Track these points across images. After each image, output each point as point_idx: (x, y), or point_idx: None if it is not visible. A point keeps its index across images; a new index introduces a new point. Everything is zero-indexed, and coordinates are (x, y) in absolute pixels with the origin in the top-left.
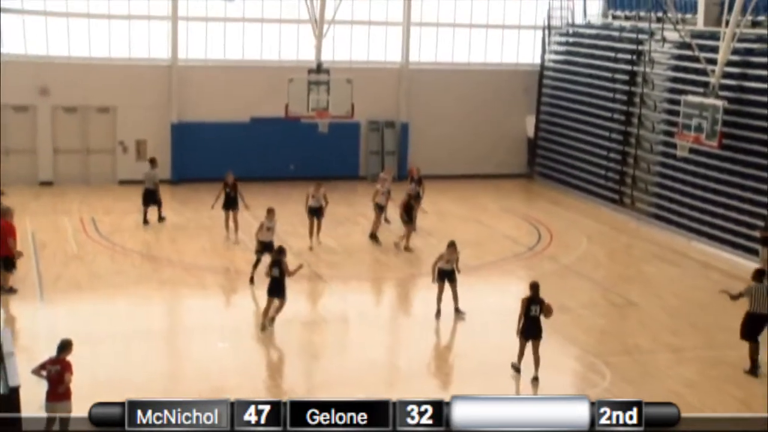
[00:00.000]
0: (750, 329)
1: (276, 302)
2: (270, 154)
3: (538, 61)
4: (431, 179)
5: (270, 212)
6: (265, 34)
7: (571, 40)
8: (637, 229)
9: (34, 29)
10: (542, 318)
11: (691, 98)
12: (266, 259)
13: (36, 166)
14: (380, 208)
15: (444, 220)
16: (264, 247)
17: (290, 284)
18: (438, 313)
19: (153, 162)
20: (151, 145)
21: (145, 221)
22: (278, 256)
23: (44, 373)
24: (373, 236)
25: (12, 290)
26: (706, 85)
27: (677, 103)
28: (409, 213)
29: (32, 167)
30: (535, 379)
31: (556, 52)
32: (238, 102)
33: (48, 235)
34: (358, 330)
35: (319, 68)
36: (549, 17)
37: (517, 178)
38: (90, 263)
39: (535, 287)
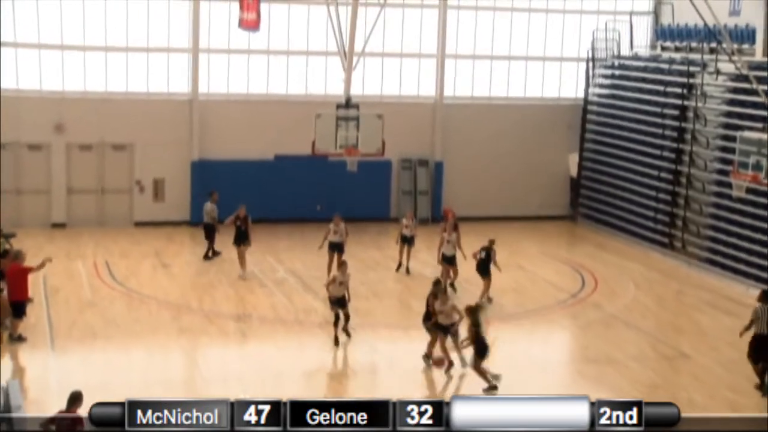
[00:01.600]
0: (757, 351)
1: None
2: (295, 194)
3: (581, 95)
4: (467, 221)
5: (342, 265)
6: (290, 67)
7: (617, 72)
8: (689, 275)
9: (50, 63)
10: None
11: (747, 134)
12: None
13: (49, 207)
14: (406, 241)
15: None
16: (336, 302)
17: (315, 333)
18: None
19: (213, 196)
20: (169, 184)
21: (213, 254)
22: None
23: (53, 427)
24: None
25: (21, 338)
26: (765, 119)
27: (732, 139)
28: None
29: (45, 208)
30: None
31: (601, 86)
32: (261, 138)
33: (60, 280)
34: (387, 381)
35: (348, 103)
36: (593, 48)
37: (559, 220)
38: (105, 310)
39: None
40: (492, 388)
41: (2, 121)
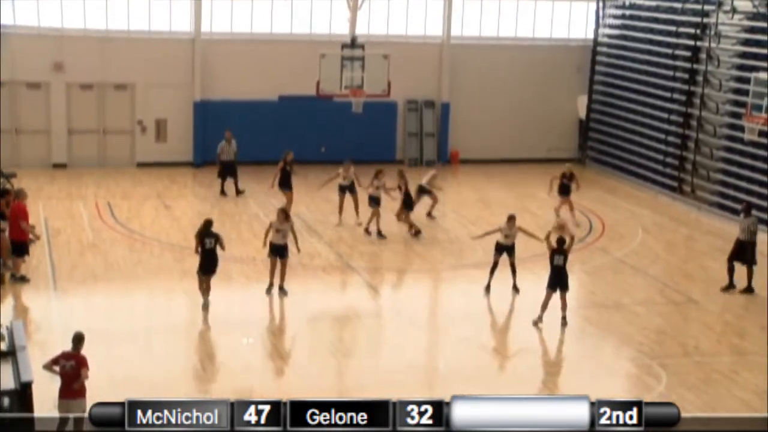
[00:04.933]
0: (737, 253)
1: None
2: (300, 136)
3: (591, 35)
4: (474, 163)
5: (281, 213)
6: (295, 6)
7: (627, 12)
8: (698, 220)
9: (48, 0)
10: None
11: (762, 75)
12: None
13: (49, 148)
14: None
15: (488, 208)
16: (274, 250)
17: (320, 276)
18: (488, 288)
19: (226, 135)
20: (171, 125)
21: (223, 192)
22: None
23: (57, 368)
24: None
25: (24, 279)
26: None
27: (746, 81)
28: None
29: (45, 148)
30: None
31: (611, 26)
32: (265, 79)
33: (62, 222)
34: (392, 327)
35: (353, 43)
36: None
37: (567, 163)
38: (106, 252)
39: (561, 241)
40: (417, 233)
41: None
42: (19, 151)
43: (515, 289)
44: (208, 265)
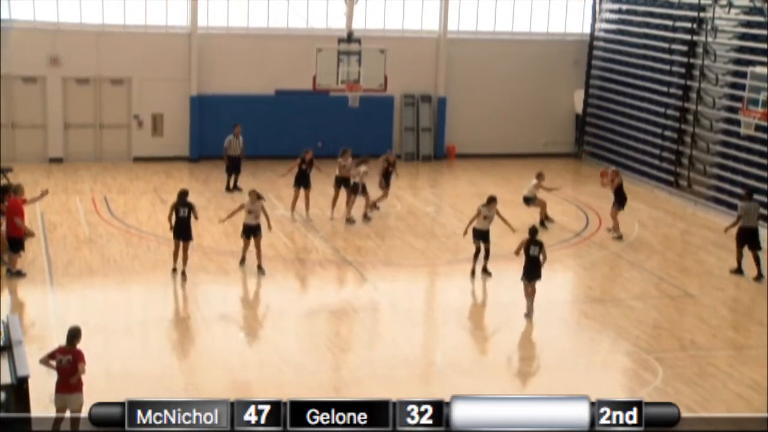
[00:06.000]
0: (745, 240)
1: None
2: (296, 130)
3: (587, 30)
4: (470, 158)
5: (251, 193)
6: (291, 0)
7: (624, 6)
8: (695, 214)
9: None
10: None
11: (758, 69)
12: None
13: (45, 142)
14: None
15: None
16: (247, 230)
17: (318, 271)
18: (473, 273)
19: (235, 129)
20: (168, 120)
21: (229, 188)
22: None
23: (54, 363)
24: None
25: (20, 274)
26: None
27: (743, 75)
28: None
29: (42, 143)
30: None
31: (608, 21)
32: (262, 74)
33: (58, 216)
34: (389, 321)
35: (350, 37)
36: None
37: (563, 157)
38: (103, 247)
39: (533, 231)
40: (374, 206)
41: None
42: (15, 146)
43: (486, 272)
44: (181, 232)
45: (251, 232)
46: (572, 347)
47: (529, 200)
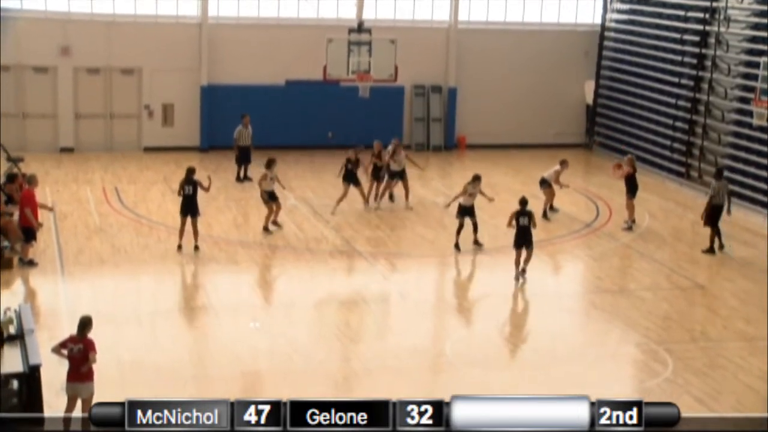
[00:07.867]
0: (712, 218)
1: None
2: (306, 120)
3: (599, 20)
4: (480, 149)
5: (271, 163)
6: None
7: None
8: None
9: None
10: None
11: None
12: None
13: (56, 132)
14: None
15: (495, 193)
16: (268, 196)
17: (327, 261)
18: (456, 246)
19: (244, 119)
20: (178, 110)
21: (240, 178)
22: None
23: (65, 351)
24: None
25: (32, 263)
26: None
27: (755, 65)
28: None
29: (52, 133)
30: (523, 271)
31: (619, 11)
32: (272, 64)
33: (69, 206)
34: (399, 312)
35: (360, 27)
36: None
37: (574, 148)
38: (113, 237)
39: (523, 202)
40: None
41: (5, 43)
42: (25, 136)
43: (477, 243)
44: (186, 209)
45: (270, 198)
46: (582, 338)
47: (543, 183)
